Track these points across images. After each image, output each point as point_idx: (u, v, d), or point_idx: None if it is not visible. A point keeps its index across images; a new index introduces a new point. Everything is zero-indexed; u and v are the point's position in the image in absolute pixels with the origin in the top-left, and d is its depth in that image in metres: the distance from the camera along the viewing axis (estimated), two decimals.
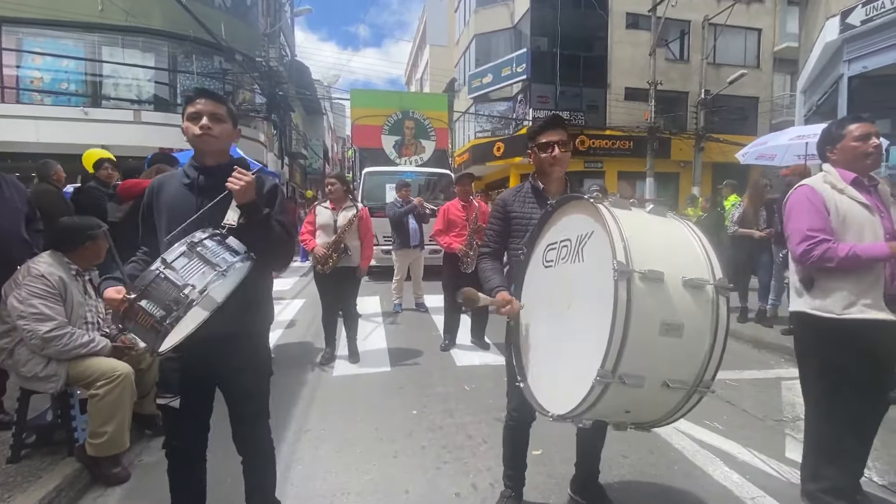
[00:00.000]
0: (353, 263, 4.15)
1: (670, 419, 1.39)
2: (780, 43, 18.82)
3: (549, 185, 1.93)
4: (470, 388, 3.64)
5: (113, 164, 4.53)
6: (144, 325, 1.33)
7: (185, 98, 1.65)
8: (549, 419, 1.40)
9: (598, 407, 1.26)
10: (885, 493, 2.28)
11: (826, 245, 1.90)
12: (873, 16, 5.44)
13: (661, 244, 1.35)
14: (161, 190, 1.66)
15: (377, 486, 2.33)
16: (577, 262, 1.46)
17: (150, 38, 13.13)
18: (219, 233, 1.47)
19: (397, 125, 11.42)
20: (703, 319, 1.27)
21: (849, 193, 1.96)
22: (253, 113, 15.82)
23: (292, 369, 4.02)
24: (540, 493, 2.24)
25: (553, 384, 1.49)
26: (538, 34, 17.65)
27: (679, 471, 2.49)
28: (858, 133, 1.99)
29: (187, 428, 1.69)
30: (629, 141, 17.17)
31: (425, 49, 31.24)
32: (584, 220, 1.46)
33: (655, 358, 1.24)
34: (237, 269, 1.43)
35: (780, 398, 3.46)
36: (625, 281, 1.18)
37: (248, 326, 1.68)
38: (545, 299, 1.61)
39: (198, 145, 1.61)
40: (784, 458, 2.60)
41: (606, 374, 1.18)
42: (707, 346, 1.27)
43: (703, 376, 1.28)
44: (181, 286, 1.32)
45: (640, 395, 1.25)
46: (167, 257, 1.36)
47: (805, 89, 8.09)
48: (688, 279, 1.26)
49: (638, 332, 1.18)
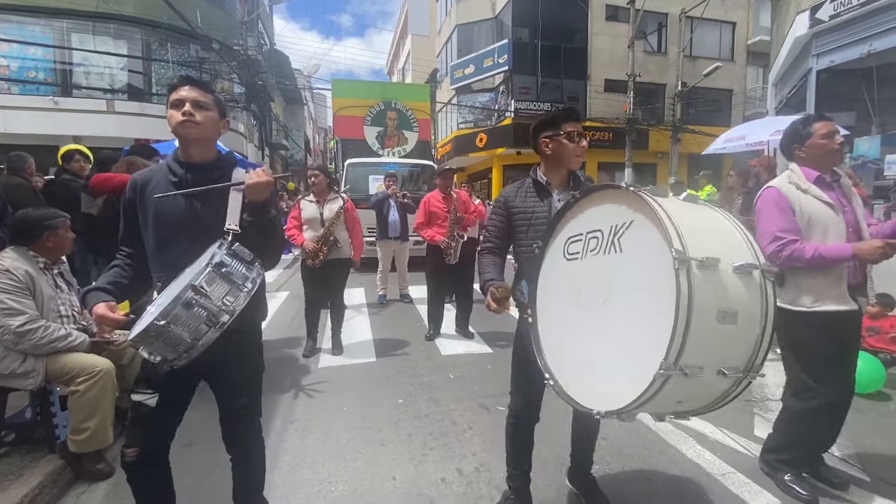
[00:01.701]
0: (343, 255, 4.16)
1: (718, 406, 1.36)
2: (753, 36, 19.24)
3: (554, 178, 1.88)
4: (455, 377, 3.70)
5: (84, 155, 4.42)
6: (168, 345, 1.32)
7: (170, 86, 1.58)
8: (596, 417, 1.35)
9: (654, 400, 1.23)
10: (844, 465, 2.43)
11: (794, 246, 2.01)
12: (840, 11, 5.63)
13: (708, 231, 1.33)
14: (146, 187, 1.56)
15: (365, 473, 2.38)
16: (611, 254, 1.41)
17: (122, 25, 12.71)
18: (229, 242, 1.44)
19: (380, 116, 11.31)
20: (755, 304, 1.26)
21: (813, 193, 2.06)
22: (232, 103, 15.48)
23: (277, 361, 4.01)
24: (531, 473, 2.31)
25: (595, 380, 1.43)
26: (519, 25, 17.66)
27: (655, 450, 2.60)
28: (825, 131, 2.09)
29: (156, 429, 1.59)
30: (609, 132, 17.39)
31: (407, 39, 30.90)
32: (618, 210, 1.41)
33: (714, 346, 1.23)
34: (258, 284, 1.43)
35: None
36: (684, 269, 1.15)
37: (241, 323, 1.60)
38: (571, 293, 1.55)
39: (180, 133, 1.52)
40: (752, 435, 2.74)
41: (669, 366, 1.15)
42: (759, 330, 1.26)
43: (754, 361, 1.27)
44: (215, 311, 1.32)
45: (696, 384, 1.24)
46: (196, 282, 1.31)
47: (776, 82, 8.34)
48: (738, 265, 1.25)
49: (699, 322, 1.16)
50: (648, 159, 18.07)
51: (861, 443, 2.67)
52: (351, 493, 2.22)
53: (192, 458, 2.32)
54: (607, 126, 17.17)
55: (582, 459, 2.14)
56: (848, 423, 2.88)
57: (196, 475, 2.19)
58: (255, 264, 1.45)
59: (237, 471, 1.79)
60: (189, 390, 1.65)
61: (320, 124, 44.17)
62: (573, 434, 2.13)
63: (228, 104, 15.27)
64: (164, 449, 1.63)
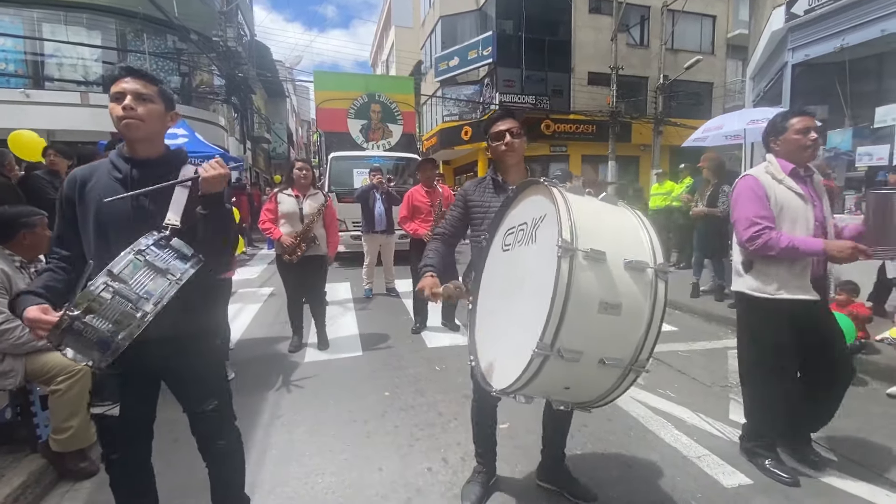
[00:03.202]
0: (319, 252, 4.12)
1: (608, 398, 1.42)
2: (732, 30, 19.51)
3: (507, 176, 1.99)
4: (440, 369, 3.75)
5: (58, 150, 4.31)
6: (89, 341, 1.24)
7: (110, 78, 1.45)
8: (492, 393, 1.44)
9: (538, 381, 1.29)
10: (817, 447, 2.53)
11: (771, 234, 2.09)
12: (815, 6, 5.76)
13: (608, 228, 1.39)
14: (87, 183, 1.46)
15: (351, 465, 2.41)
16: (531, 244, 1.50)
17: (96, 15, 12.31)
18: (164, 236, 1.36)
19: (363, 109, 11.21)
20: (642, 300, 1.30)
21: (787, 184, 2.16)
22: (211, 96, 15.17)
23: (262, 358, 4.01)
24: (507, 463, 2.37)
25: (498, 360, 1.53)
26: (503, 17, 17.60)
27: (634, 436, 2.68)
28: (800, 126, 2.16)
29: (128, 437, 1.55)
30: (592, 125, 17.52)
31: (390, 30, 30.57)
32: (541, 203, 1.50)
33: (593, 334, 1.28)
34: (190, 275, 1.35)
35: (727, 366, 3.74)
36: (567, 258, 1.22)
37: (192, 328, 1.54)
38: (500, 281, 1.66)
39: (122, 130, 1.43)
40: (728, 419, 2.84)
41: (545, 346, 1.21)
42: (644, 326, 1.30)
43: (638, 356, 1.31)
44: (134, 299, 1.24)
45: (578, 370, 1.30)
46: (114, 269, 1.25)
47: (754, 75, 8.50)
48: (629, 261, 1.30)
49: (577, 308, 1.21)
50: (631, 152, 18.28)
51: (831, 425, 2.78)
52: (338, 484, 2.25)
53: (178, 454, 2.31)
54: (591, 119, 17.31)
55: (553, 450, 2.18)
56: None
57: (183, 471, 2.18)
58: (193, 260, 1.38)
59: (214, 479, 1.74)
60: (149, 396, 1.60)
61: (303, 117, 43.53)
62: (544, 423, 2.17)
63: (208, 97, 15.02)
64: (143, 456, 1.60)
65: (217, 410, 1.65)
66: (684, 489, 2.19)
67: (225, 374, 1.74)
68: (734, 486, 2.21)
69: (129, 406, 1.51)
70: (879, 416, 2.92)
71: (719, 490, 2.18)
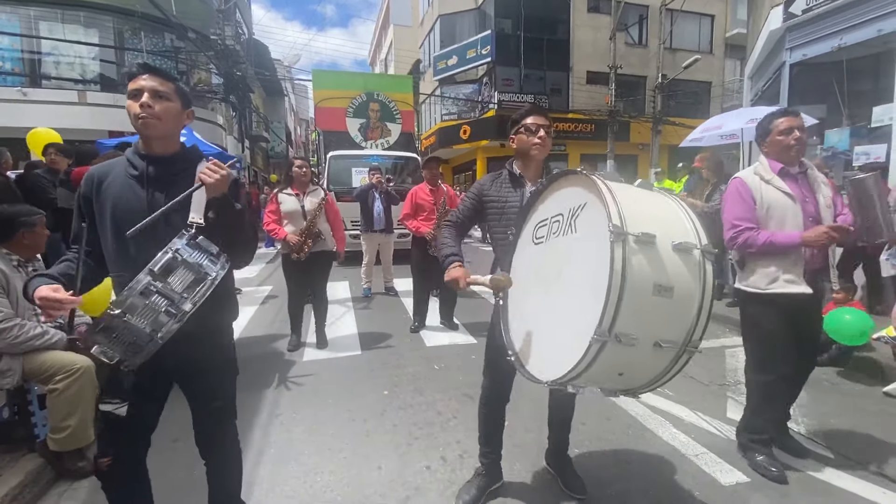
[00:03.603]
0: (327, 248, 4.13)
1: (660, 381, 1.42)
2: (731, 29, 19.53)
3: (527, 171, 1.96)
4: (439, 367, 3.75)
5: (59, 149, 4.30)
6: (125, 341, 1.25)
7: (128, 75, 1.46)
8: (545, 385, 1.43)
9: (594, 368, 1.29)
10: (809, 443, 2.56)
11: (748, 234, 2.19)
12: (813, 6, 5.77)
13: (652, 212, 1.41)
14: (104, 181, 1.47)
15: (350, 464, 2.41)
16: (569, 234, 1.50)
17: (93, 13, 12.27)
18: (192, 234, 1.37)
19: (362, 108, 11.19)
20: (692, 281, 1.32)
21: (775, 184, 2.21)
22: (210, 94, 15.13)
23: (261, 356, 4.01)
24: (505, 460, 2.35)
25: (544, 352, 1.52)
26: (502, 16, 17.60)
27: (633, 434, 2.69)
28: (783, 127, 2.22)
29: (130, 439, 1.55)
30: (591, 124, 17.54)
31: (389, 29, 30.53)
32: (577, 193, 1.50)
33: (648, 317, 1.29)
34: (223, 275, 1.37)
35: (724, 365, 3.76)
36: (620, 243, 1.23)
37: (210, 324, 1.55)
38: (534, 274, 1.63)
39: (139, 127, 1.44)
40: (725, 418, 2.86)
41: (603, 332, 1.22)
42: (696, 306, 1.32)
43: (692, 336, 1.33)
44: (176, 299, 1.26)
45: (633, 355, 1.30)
46: (154, 268, 1.26)
47: (752, 75, 8.52)
48: (677, 243, 1.32)
49: (632, 292, 1.23)
50: (630, 151, 18.30)
51: (826, 422, 2.81)
52: (337, 482, 2.25)
53: (178, 454, 2.32)
54: (589, 118, 17.31)
55: (558, 439, 2.22)
56: (815, 403, 3.05)
57: (183, 470, 2.19)
58: (221, 258, 1.39)
59: (212, 476, 1.74)
60: (160, 396, 1.60)
61: (302, 116, 43.46)
62: (549, 413, 2.22)
63: (206, 95, 14.98)
64: (140, 457, 1.59)
65: (221, 408, 1.66)
66: (682, 487, 2.20)
67: (235, 371, 1.73)
68: (731, 483, 2.22)
69: (137, 405, 1.51)
70: (875, 414, 2.93)
71: (717, 488, 2.19)
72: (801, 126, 2.20)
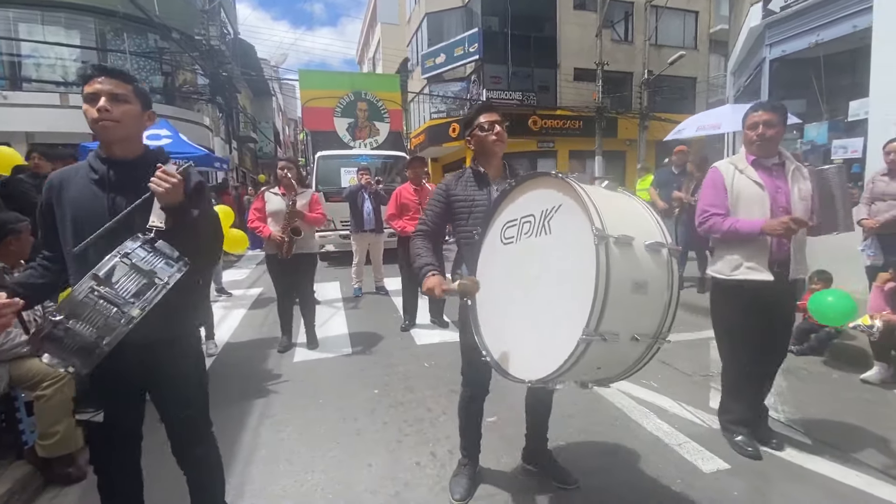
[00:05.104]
0: (311, 250, 4.15)
1: (632, 371, 1.51)
2: (715, 25, 19.73)
3: (490, 169, 1.99)
4: (429, 365, 3.79)
5: (42, 152, 4.26)
6: (71, 347, 1.23)
7: (83, 77, 1.41)
8: (528, 385, 1.49)
9: (578, 366, 1.34)
10: (787, 430, 2.64)
11: (714, 219, 2.29)
12: (790, 2, 5.88)
13: (624, 214, 1.49)
14: (64, 187, 1.45)
15: (341, 462, 2.44)
16: (542, 235, 1.54)
17: (74, 14, 12.09)
18: (149, 238, 1.34)
19: (350, 107, 11.15)
20: (663, 277, 1.42)
21: (747, 174, 2.30)
22: (196, 95, 14.97)
23: (251, 359, 4.01)
24: (493, 453, 2.43)
25: (525, 353, 1.56)
26: (489, 13, 17.61)
27: (619, 426, 2.75)
28: (750, 123, 2.32)
29: (115, 443, 1.54)
30: (579, 121, 17.64)
31: (376, 27, 30.40)
32: (549, 195, 1.54)
33: (628, 314, 1.37)
34: (177, 279, 1.34)
35: (708, 356, 3.84)
36: (603, 245, 1.29)
37: (172, 330, 1.53)
38: (507, 275, 1.66)
39: (98, 132, 1.41)
40: (708, 407, 2.93)
41: (591, 332, 1.28)
42: (666, 300, 1.42)
43: (663, 327, 1.44)
44: (121, 304, 1.23)
45: (614, 350, 1.37)
46: (99, 272, 1.23)
47: (734, 71, 8.64)
48: (649, 243, 1.41)
49: (615, 291, 1.29)
50: (617, 147, 18.43)
51: (805, 410, 2.89)
52: (328, 481, 2.28)
53: (168, 457, 2.33)
54: (577, 115, 17.41)
55: (537, 436, 2.26)
56: (793, 392, 3.13)
57: (177, 472, 2.19)
58: (179, 262, 1.36)
59: (192, 487, 1.72)
60: (133, 403, 1.58)
61: (290, 115, 43.14)
62: (527, 409, 2.25)
63: (192, 97, 14.83)
64: (126, 462, 1.58)
65: (193, 416, 1.64)
66: (665, 475, 2.26)
67: (205, 379, 1.69)
68: (713, 471, 2.29)
69: (113, 411, 1.49)
70: (853, 401, 3.02)
71: (698, 475, 2.26)
72: (770, 122, 2.24)
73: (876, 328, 3.15)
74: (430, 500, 2.13)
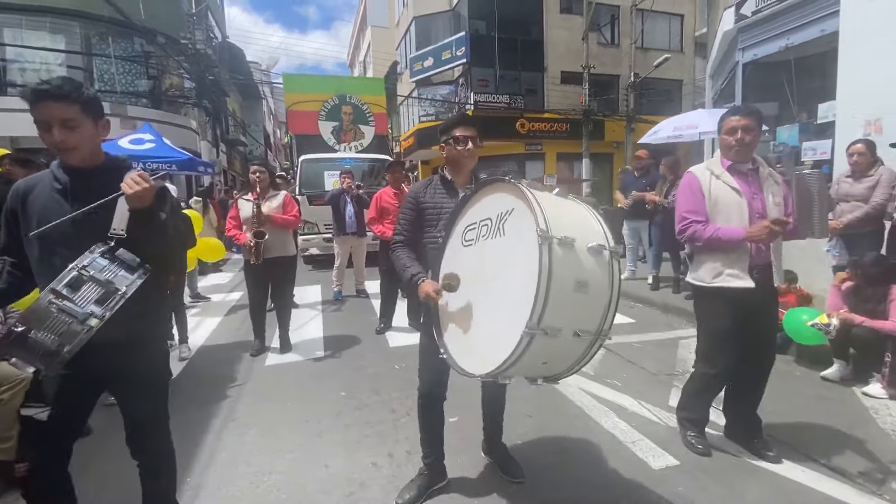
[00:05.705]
0: (287, 254, 4.17)
1: (577, 367, 1.60)
2: (700, 28, 19.88)
3: (457, 178, 2.06)
4: (399, 367, 3.82)
5: (13, 158, 4.24)
6: (36, 353, 1.30)
7: (25, 99, 1.40)
8: (478, 379, 1.57)
9: (524, 359, 1.41)
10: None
11: (695, 227, 2.26)
12: (761, 7, 6.00)
13: (570, 217, 1.57)
14: (28, 195, 1.48)
15: (299, 464, 2.46)
16: (498, 237, 1.62)
17: (59, 19, 12.05)
18: (108, 248, 1.38)
19: (334, 111, 11.20)
20: (604, 278, 1.49)
21: (724, 179, 2.29)
22: (182, 99, 14.93)
23: (224, 362, 4.02)
24: (454, 452, 2.42)
25: (477, 349, 1.63)
26: (476, 17, 17.72)
27: (578, 425, 2.80)
28: (727, 128, 2.30)
29: (50, 444, 1.55)
30: (566, 123, 17.75)
31: (367, 30, 30.47)
32: (505, 199, 1.62)
33: (570, 310, 1.44)
34: (136, 287, 1.38)
35: (676, 355, 3.90)
36: (546, 245, 1.37)
37: (138, 333, 1.57)
38: (467, 275, 1.71)
39: (60, 156, 1.47)
40: (667, 405, 2.98)
41: (533, 326, 1.35)
42: (606, 300, 1.50)
43: (603, 326, 1.52)
44: (79, 315, 1.29)
45: (556, 345, 1.44)
46: (57, 287, 1.29)
47: (712, 74, 8.79)
48: (591, 245, 1.48)
49: (557, 289, 1.36)
50: (605, 149, 18.57)
51: (762, 406, 2.91)
52: (284, 482, 2.31)
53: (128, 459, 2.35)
54: (565, 117, 17.53)
55: (492, 429, 2.34)
56: None
57: (121, 473, 2.20)
58: (140, 270, 1.41)
59: (144, 476, 1.75)
60: (86, 402, 1.61)
61: (281, 119, 42.99)
62: (483, 405, 2.32)
63: (179, 100, 14.79)
64: (61, 464, 1.57)
65: (152, 413, 1.69)
66: (613, 471, 2.31)
67: (167, 376, 1.75)
68: (661, 467, 2.34)
69: (60, 411, 1.52)
70: (812, 399, 3.09)
71: (647, 472, 2.30)
72: (748, 126, 2.22)
73: (833, 326, 3.22)
74: (382, 500, 2.16)
